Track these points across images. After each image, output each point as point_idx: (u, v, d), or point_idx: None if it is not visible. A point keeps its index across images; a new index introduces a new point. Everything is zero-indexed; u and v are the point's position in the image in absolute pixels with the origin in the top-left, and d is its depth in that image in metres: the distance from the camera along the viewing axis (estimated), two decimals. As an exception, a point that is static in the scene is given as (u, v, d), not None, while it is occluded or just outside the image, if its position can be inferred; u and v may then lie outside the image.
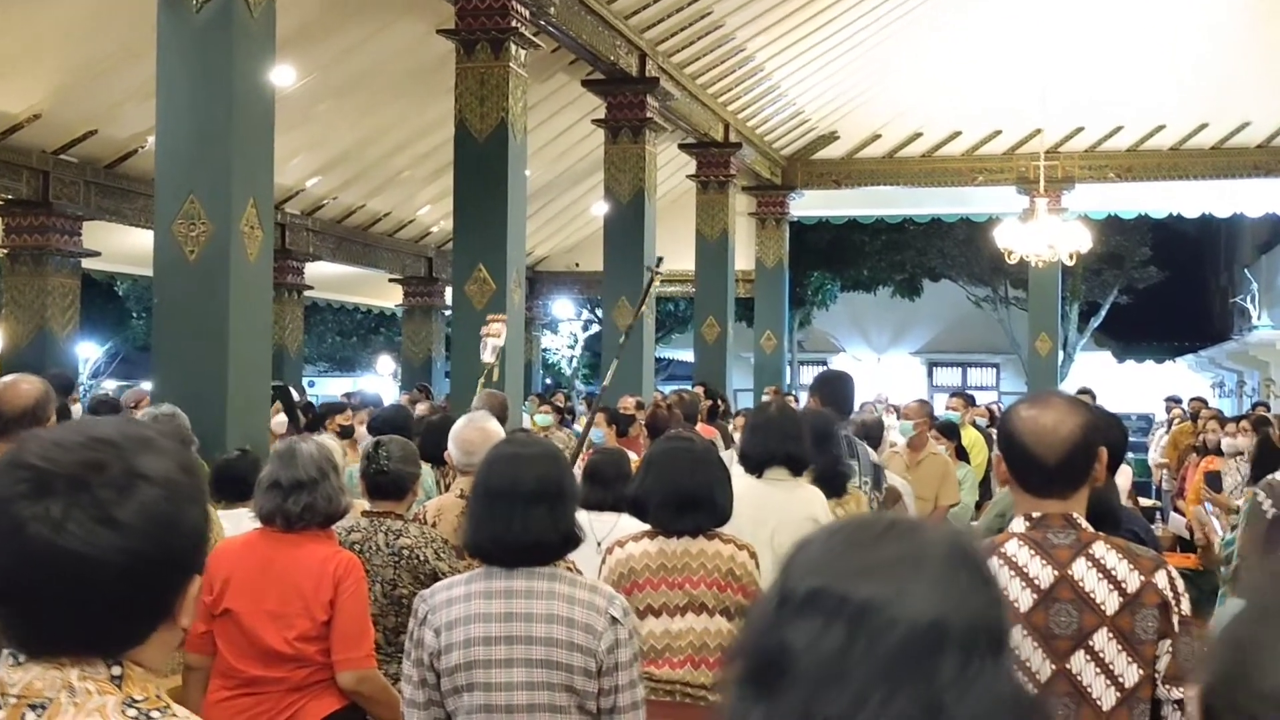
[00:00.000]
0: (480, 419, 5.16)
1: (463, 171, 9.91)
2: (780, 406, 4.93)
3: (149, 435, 1.44)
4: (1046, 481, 2.55)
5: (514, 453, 3.09)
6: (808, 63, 15.33)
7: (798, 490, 4.73)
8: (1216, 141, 17.66)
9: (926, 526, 1.24)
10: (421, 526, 4.42)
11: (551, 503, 2.97)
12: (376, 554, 4.19)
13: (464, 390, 8.90)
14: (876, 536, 1.22)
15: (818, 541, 1.25)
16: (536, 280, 21.92)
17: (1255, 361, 24.11)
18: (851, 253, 27.35)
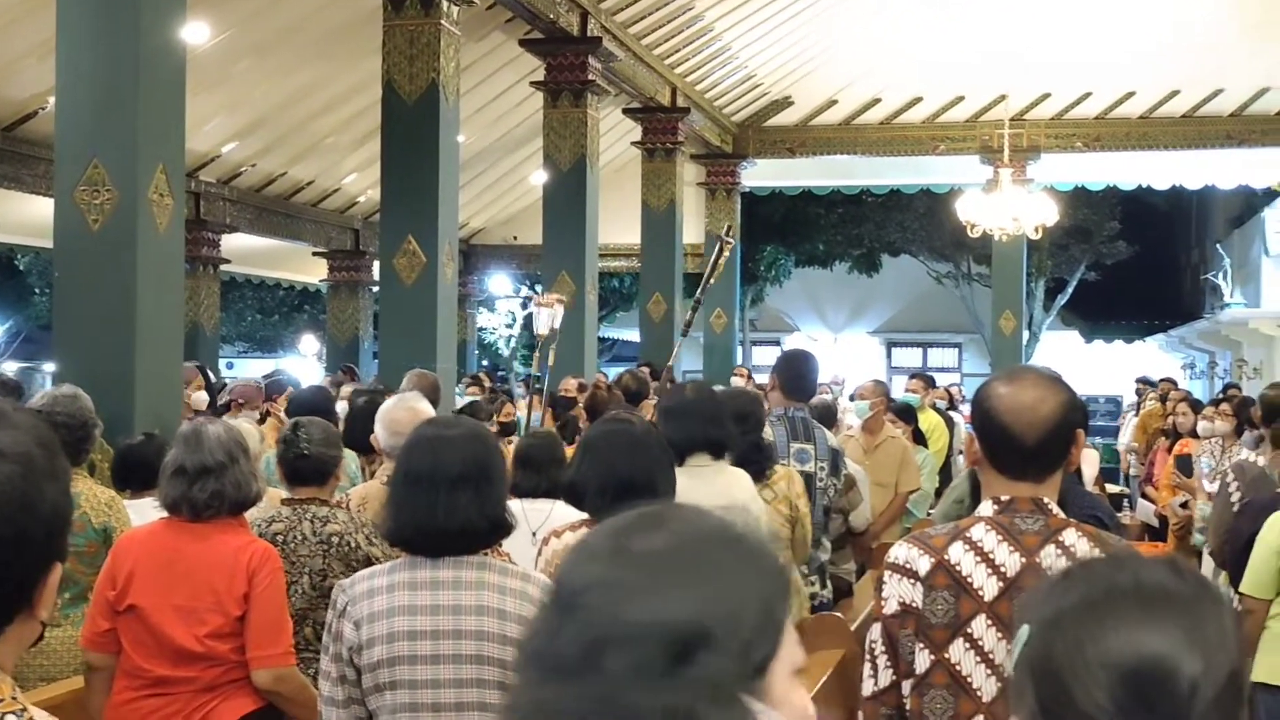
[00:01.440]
0: (410, 399, 5.13)
1: (391, 137, 9.83)
2: (696, 388, 4.92)
3: (1, 409, 1.40)
4: (1023, 463, 2.55)
5: (436, 434, 3.07)
6: (760, 22, 15.32)
7: (722, 475, 4.73)
8: (1188, 110, 17.84)
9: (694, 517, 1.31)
10: (350, 512, 4.39)
11: (477, 486, 2.95)
12: (303, 543, 4.16)
13: (393, 371, 8.85)
14: (630, 528, 1.32)
15: (597, 531, 1.35)
16: (471, 254, 21.81)
17: (1227, 341, 24.45)
18: (806, 226, 27.42)
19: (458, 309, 11.92)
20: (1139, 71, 17.17)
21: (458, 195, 10.42)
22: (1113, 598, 1.28)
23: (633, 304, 24.53)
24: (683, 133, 16.27)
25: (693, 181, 18.68)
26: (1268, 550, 5.07)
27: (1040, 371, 2.69)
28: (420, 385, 6.89)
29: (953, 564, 2.52)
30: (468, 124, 13.46)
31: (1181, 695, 1.21)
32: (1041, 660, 1.29)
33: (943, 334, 33.32)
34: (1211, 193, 25.66)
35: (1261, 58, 16.53)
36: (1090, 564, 1.40)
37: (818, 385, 6.83)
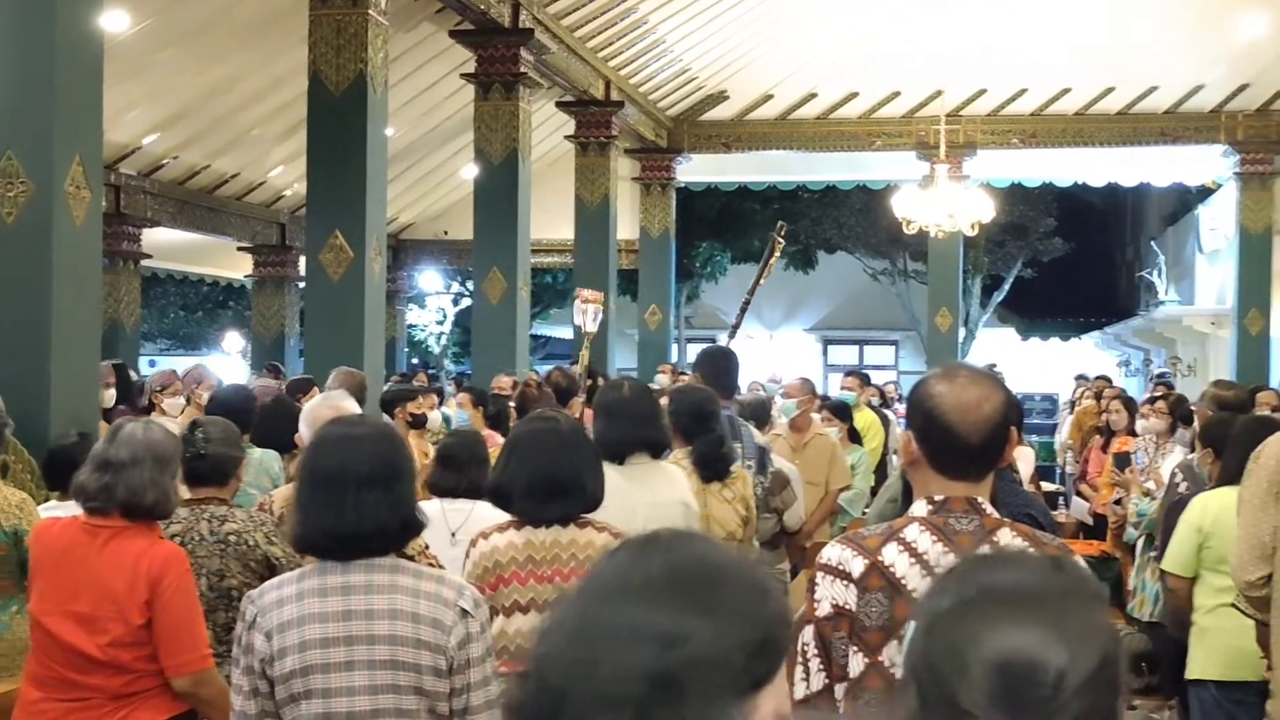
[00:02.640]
0: (336, 398, 5.09)
1: (317, 129, 9.73)
2: (633, 386, 4.89)
3: None
4: (965, 462, 2.54)
5: (343, 433, 3.03)
6: (695, 15, 15.33)
7: (661, 474, 4.72)
8: (1123, 106, 18.07)
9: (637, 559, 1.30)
10: (250, 511, 4.35)
11: (387, 485, 2.92)
12: (200, 544, 4.12)
13: (320, 369, 8.76)
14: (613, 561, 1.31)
15: None
16: (400, 249, 21.68)
17: (1162, 339, 24.79)
18: (742, 222, 27.50)
19: (387, 305, 11.84)
20: (1074, 68, 17.36)
21: (386, 189, 10.34)
22: (985, 597, 1.37)
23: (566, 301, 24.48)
24: (617, 127, 16.25)
25: (627, 176, 18.67)
26: (1188, 528, 5.19)
27: (975, 369, 2.69)
28: (347, 383, 6.83)
29: (886, 565, 2.51)
30: (396, 116, 13.36)
31: (1047, 686, 1.29)
32: (922, 658, 1.37)
33: (879, 331, 33.55)
34: (1146, 190, 26.01)
35: (1195, 55, 16.78)
36: (967, 564, 1.49)
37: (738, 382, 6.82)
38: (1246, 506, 4.05)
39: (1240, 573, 4.04)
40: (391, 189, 12.96)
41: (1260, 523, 3.98)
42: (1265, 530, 3.96)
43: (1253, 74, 17.27)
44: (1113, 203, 33.69)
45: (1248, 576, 4.00)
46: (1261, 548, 3.97)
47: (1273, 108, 17.77)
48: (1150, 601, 6.76)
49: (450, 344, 29.37)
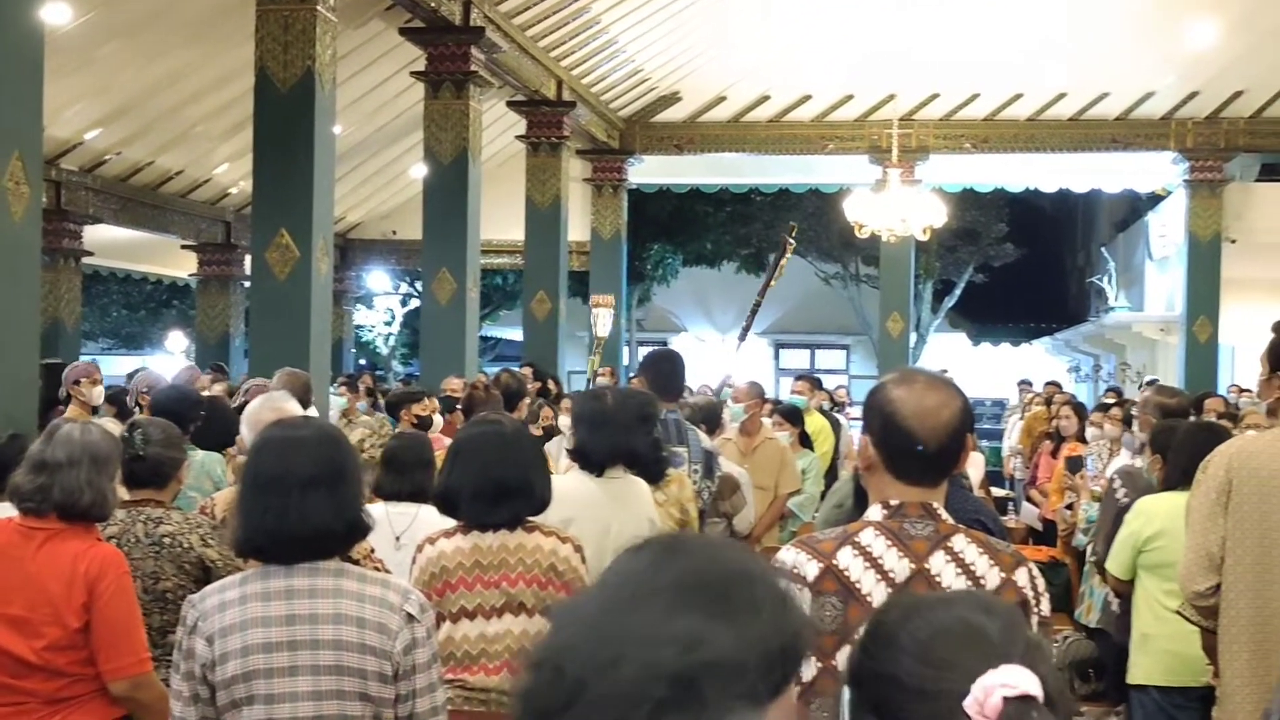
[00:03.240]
0: (278, 399, 5.03)
1: (264, 126, 9.68)
2: (616, 396, 4.85)
3: None
4: (922, 468, 2.55)
5: (285, 435, 3.02)
6: (648, 16, 15.35)
7: (632, 487, 4.70)
8: (1075, 112, 18.24)
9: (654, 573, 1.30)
10: (187, 513, 4.31)
11: (331, 486, 2.90)
12: (135, 546, 4.08)
13: (265, 370, 8.70)
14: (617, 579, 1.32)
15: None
16: (348, 249, 21.59)
17: (1112, 345, 25.02)
18: (694, 224, 27.54)
19: (333, 306, 11.77)
20: (1027, 73, 17.51)
21: (333, 188, 10.29)
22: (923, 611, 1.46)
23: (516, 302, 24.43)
24: (568, 127, 16.23)
25: (578, 177, 18.67)
26: (1129, 532, 5.28)
27: (933, 374, 2.69)
28: (290, 385, 6.76)
29: (841, 569, 2.51)
30: (345, 114, 13.30)
31: (990, 640, 1.38)
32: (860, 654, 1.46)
33: (830, 335, 33.67)
34: (1097, 196, 26.29)
35: (1147, 62, 16.97)
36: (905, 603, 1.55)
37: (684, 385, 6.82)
38: (1195, 517, 4.08)
39: (1189, 583, 4.07)
40: (339, 188, 12.88)
41: (1209, 533, 4.01)
42: (1214, 541, 4.00)
43: (1202, 82, 17.48)
44: (1064, 209, 34.00)
45: (1196, 586, 4.04)
46: (1210, 558, 4.00)
47: (1222, 115, 17.99)
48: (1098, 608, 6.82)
49: (398, 345, 29.25)
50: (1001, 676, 1.33)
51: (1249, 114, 17.92)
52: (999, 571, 2.53)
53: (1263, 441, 4.07)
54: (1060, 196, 24.42)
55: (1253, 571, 3.95)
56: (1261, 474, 3.96)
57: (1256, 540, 3.96)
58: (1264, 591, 3.94)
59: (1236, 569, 3.98)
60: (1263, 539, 3.95)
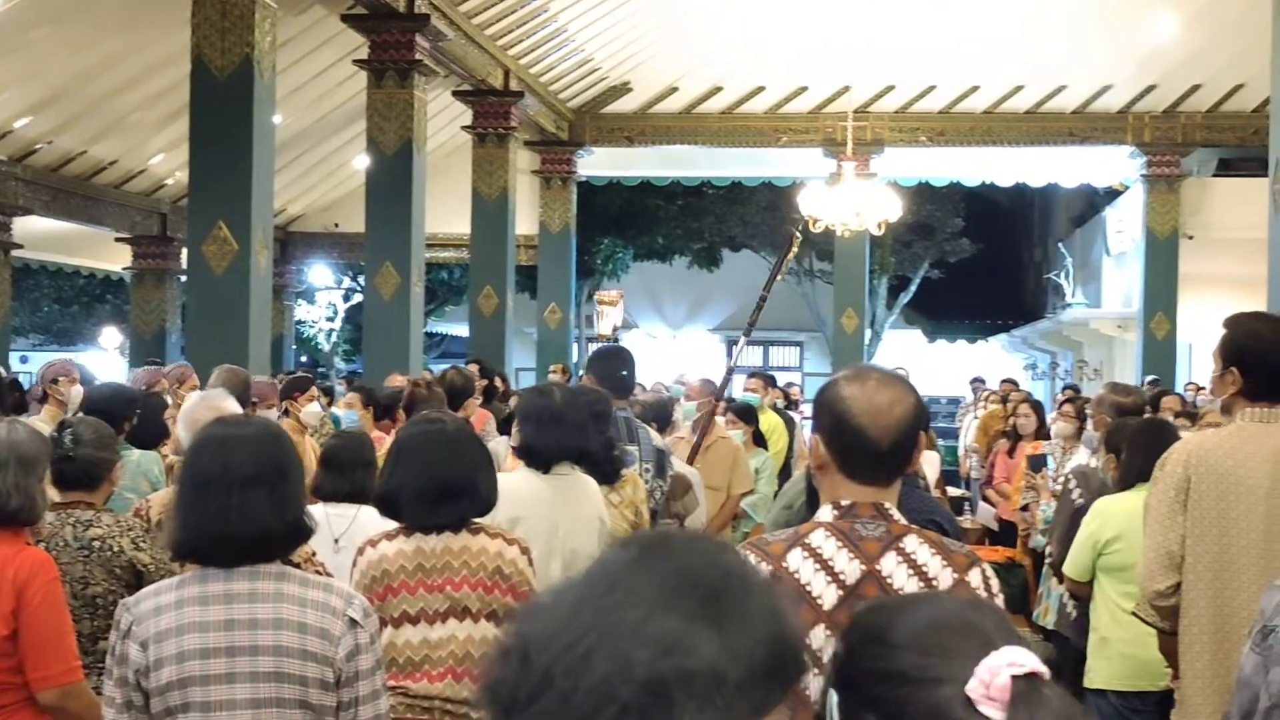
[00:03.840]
0: (215, 397, 5.01)
1: (201, 115, 9.63)
2: (564, 393, 4.85)
3: None
4: (875, 466, 2.55)
5: (225, 433, 2.99)
6: (598, 4, 15.34)
7: (581, 486, 4.70)
8: (1031, 105, 18.38)
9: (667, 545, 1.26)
10: (119, 515, 4.26)
11: (272, 486, 2.88)
12: (64, 550, 4.03)
13: (202, 366, 8.62)
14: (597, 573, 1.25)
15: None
16: (289, 242, 21.45)
17: (1069, 341, 25.24)
18: (645, 218, 27.55)
19: (273, 300, 11.70)
20: (983, 65, 17.62)
21: (273, 179, 10.24)
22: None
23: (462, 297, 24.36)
24: (516, 118, 16.19)
25: (526, 169, 18.63)
26: (1087, 534, 5.34)
27: (885, 372, 2.70)
28: (228, 382, 6.71)
29: (791, 571, 2.51)
30: (285, 103, 13.20)
31: (981, 632, 1.37)
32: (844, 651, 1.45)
33: (784, 332, 33.76)
34: (1054, 191, 26.49)
35: (1104, 54, 17.12)
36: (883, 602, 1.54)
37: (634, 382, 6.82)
38: (1153, 515, 4.11)
39: (1149, 582, 4.10)
40: (279, 179, 12.80)
41: (1168, 531, 4.04)
42: (1173, 540, 4.03)
43: (1159, 75, 17.66)
44: (1020, 204, 34.27)
45: (1156, 586, 4.07)
46: (1170, 557, 4.03)
47: (1179, 109, 18.17)
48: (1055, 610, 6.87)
49: (340, 341, 29.10)
50: (1007, 656, 1.32)
51: (1206, 108, 18.12)
52: (952, 572, 2.53)
53: (1220, 438, 4.10)
54: (1017, 191, 24.60)
55: (1212, 570, 3.99)
56: (1219, 471, 3.99)
57: (1215, 538, 3.99)
58: (1223, 591, 3.97)
59: (1196, 568, 4.01)
60: (1221, 537, 3.99)
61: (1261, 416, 4.01)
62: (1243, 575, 3.94)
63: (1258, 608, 2.87)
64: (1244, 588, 3.92)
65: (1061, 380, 25.69)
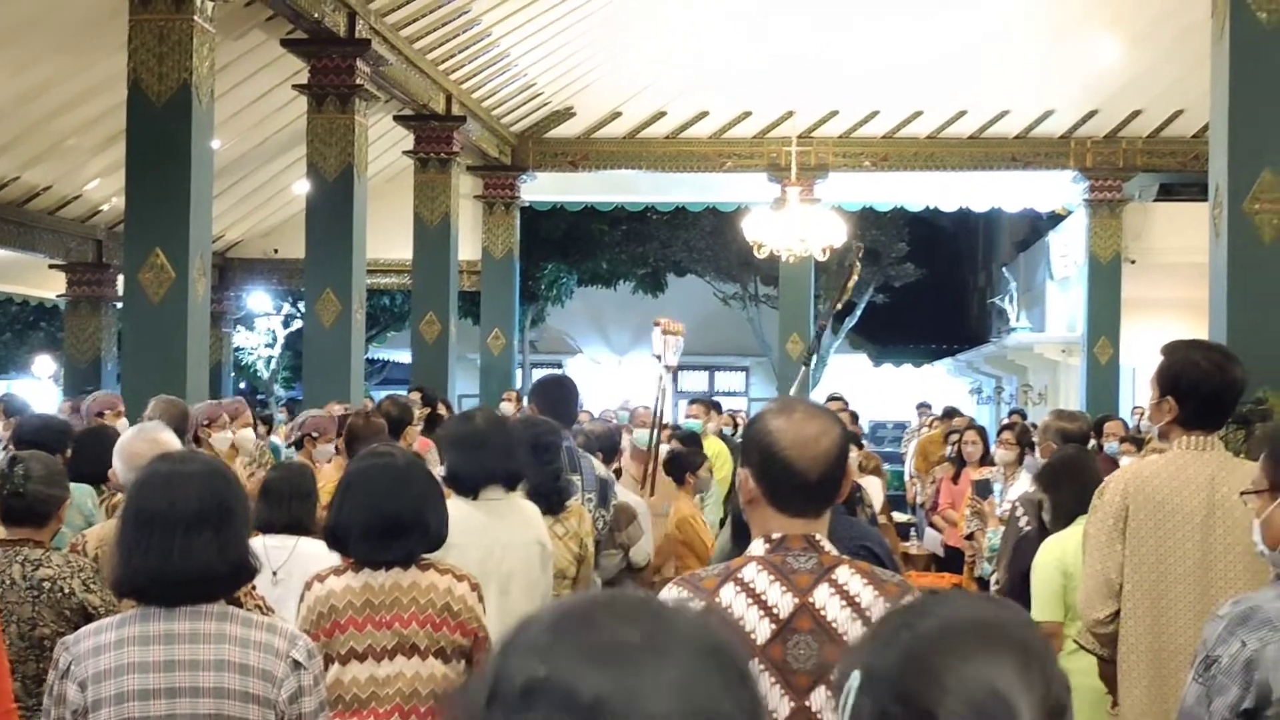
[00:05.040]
0: (152, 429, 4.97)
1: (138, 140, 9.56)
2: (487, 416, 4.86)
3: None
4: (805, 499, 2.58)
5: (170, 470, 2.98)
6: (541, 29, 15.38)
7: (516, 509, 4.70)
8: (975, 131, 18.57)
9: (678, 609, 1.20)
10: (69, 554, 4.23)
11: (217, 527, 2.88)
12: (11, 589, 3.99)
13: (139, 396, 8.56)
14: (616, 616, 1.16)
15: (545, 618, 1.18)
16: (227, 268, 21.33)
17: (1013, 366, 25.46)
18: (589, 243, 27.61)
19: (211, 328, 11.61)
20: (927, 91, 17.79)
21: (211, 205, 10.18)
22: (958, 632, 1.37)
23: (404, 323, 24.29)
24: (458, 142, 16.20)
25: (469, 194, 18.62)
26: (1047, 571, 5.23)
27: (812, 404, 2.75)
28: (166, 413, 6.66)
29: (724, 606, 2.53)
30: (224, 128, 13.14)
31: None
32: (898, 691, 1.34)
33: (729, 357, 33.87)
34: (998, 216, 26.76)
35: (1046, 80, 17.34)
36: (930, 600, 1.48)
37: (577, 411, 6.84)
38: (1092, 543, 4.16)
39: (1089, 610, 4.15)
40: (218, 205, 12.72)
41: (1107, 559, 4.10)
42: (1112, 567, 4.09)
43: (1101, 101, 17.90)
44: (964, 228, 34.61)
45: (1095, 614, 4.12)
46: (1109, 585, 4.09)
47: (1120, 135, 18.42)
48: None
49: (280, 368, 28.92)
50: None
51: (1147, 133, 18.37)
52: (884, 601, 2.55)
53: (1157, 466, 4.16)
54: (961, 216, 24.83)
55: (1149, 598, 4.05)
56: (1156, 499, 4.05)
57: (1153, 566, 4.05)
58: (1160, 618, 4.03)
59: (1134, 595, 4.07)
60: (1158, 565, 4.05)
61: (1197, 444, 4.08)
62: (1179, 603, 4.01)
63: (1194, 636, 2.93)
64: (1180, 615, 3.98)
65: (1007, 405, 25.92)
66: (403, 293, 22.56)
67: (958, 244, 36.90)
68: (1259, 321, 8.35)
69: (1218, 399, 4.11)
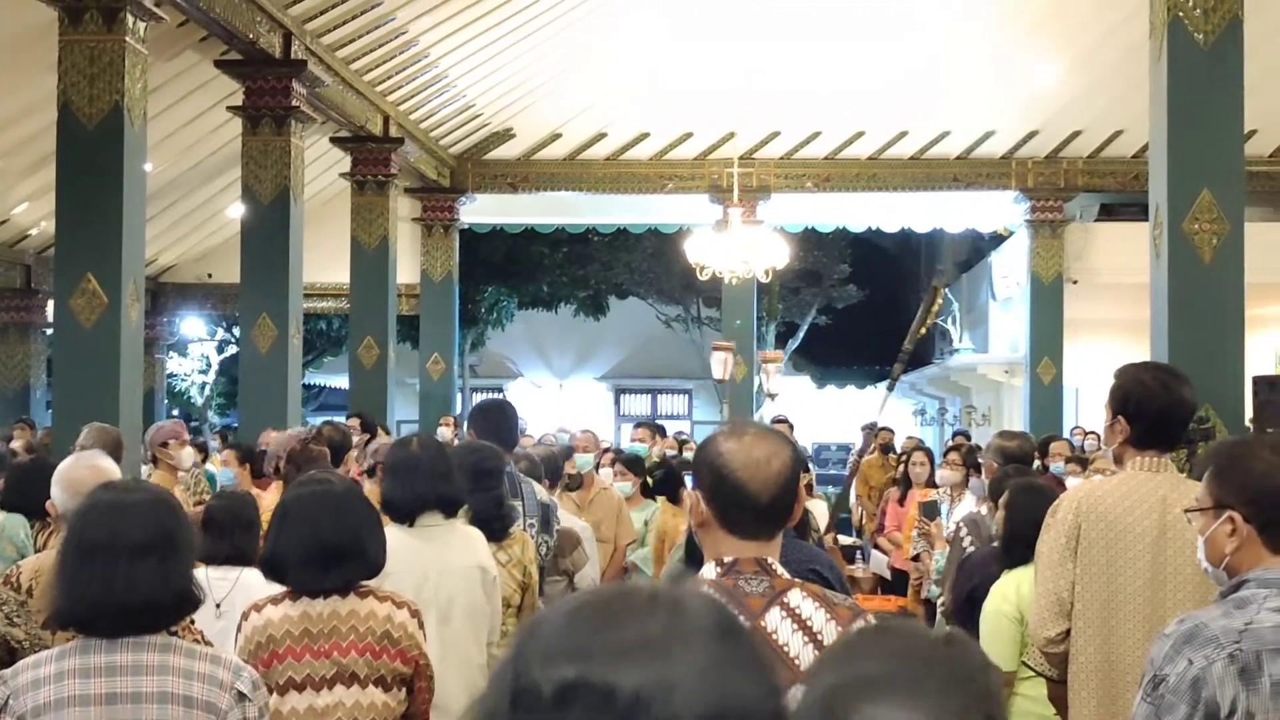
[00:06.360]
0: (91, 457, 4.92)
1: (68, 163, 9.46)
2: (423, 441, 4.86)
3: None
4: (755, 522, 2.59)
5: (114, 499, 2.96)
6: (479, 50, 15.39)
7: (456, 535, 4.70)
8: (916, 151, 18.74)
9: (685, 594, 1.21)
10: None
11: (162, 556, 2.86)
12: None
13: (71, 423, 8.47)
14: (632, 609, 1.17)
15: (557, 619, 1.18)
16: (160, 293, 21.16)
17: (957, 387, 25.66)
18: (529, 266, 27.61)
19: (145, 354, 11.52)
20: (868, 112, 17.94)
21: (144, 229, 10.09)
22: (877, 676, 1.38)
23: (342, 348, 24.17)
24: (396, 164, 16.16)
25: (407, 217, 18.58)
26: (1001, 619, 5.13)
27: (762, 426, 2.76)
28: (102, 440, 6.61)
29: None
30: (157, 151, 13.05)
31: None
32: None
33: (672, 380, 33.95)
34: (940, 236, 26.99)
35: (987, 101, 17.54)
36: (860, 638, 1.49)
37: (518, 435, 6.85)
38: (1044, 562, 4.19)
39: (1040, 629, 4.18)
40: (151, 228, 12.64)
41: (1058, 578, 4.13)
42: (1063, 586, 4.12)
43: (1041, 121, 18.12)
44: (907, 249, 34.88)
45: (1047, 633, 4.15)
46: (1060, 604, 4.12)
47: (1061, 155, 18.65)
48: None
49: (215, 395, 28.69)
50: None
51: (1087, 154, 18.60)
52: (836, 625, 2.57)
53: (1110, 486, 4.20)
54: (903, 237, 25.01)
55: (1100, 617, 4.08)
56: (1109, 518, 4.09)
57: (1103, 585, 4.09)
58: (1110, 638, 4.07)
59: (1085, 614, 4.10)
60: (1109, 584, 4.08)
61: (1150, 465, 4.13)
62: (1129, 623, 4.05)
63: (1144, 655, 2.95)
64: (1130, 635, 4.03)
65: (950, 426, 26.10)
66: (340, 317, 22.46)
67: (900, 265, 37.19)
68: (1199, 340, 8.46)
69: (1167, 418, 4.16)
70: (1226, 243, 8.50)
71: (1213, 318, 8.59)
